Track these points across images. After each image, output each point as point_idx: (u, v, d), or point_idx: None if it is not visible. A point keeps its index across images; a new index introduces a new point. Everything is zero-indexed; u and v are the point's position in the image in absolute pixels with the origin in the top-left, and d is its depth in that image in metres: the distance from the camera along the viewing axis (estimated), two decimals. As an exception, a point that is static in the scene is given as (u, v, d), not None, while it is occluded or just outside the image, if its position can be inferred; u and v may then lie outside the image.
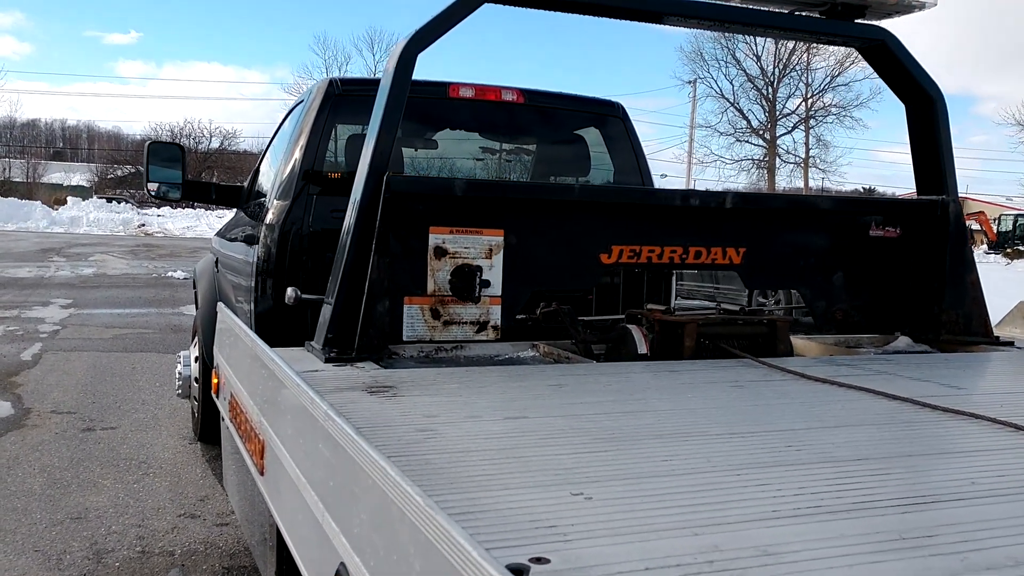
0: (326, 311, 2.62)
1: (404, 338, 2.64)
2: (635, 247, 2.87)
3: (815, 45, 40.50)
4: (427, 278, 2.64)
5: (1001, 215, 40.42)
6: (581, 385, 2.26)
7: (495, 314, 2.73)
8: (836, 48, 40.56)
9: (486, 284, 2.69)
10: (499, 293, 2.73)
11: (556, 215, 2.82)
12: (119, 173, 49.17)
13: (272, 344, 2.34)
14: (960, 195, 3.31)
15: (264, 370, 2.03)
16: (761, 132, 42.24)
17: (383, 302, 2.58)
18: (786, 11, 3.05)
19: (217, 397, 2.93)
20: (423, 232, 2.63)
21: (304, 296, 3.06)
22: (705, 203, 2.98)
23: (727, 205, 2.98)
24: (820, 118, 41.70)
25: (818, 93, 41.63)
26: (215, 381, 2.95)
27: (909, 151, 3.28)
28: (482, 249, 2.70)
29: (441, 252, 2.65)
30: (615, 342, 2.92)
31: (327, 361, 2.47)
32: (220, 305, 3.02)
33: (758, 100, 42.43)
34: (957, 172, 3.26)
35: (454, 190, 2.68)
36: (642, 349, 2.77)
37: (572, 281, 2.97)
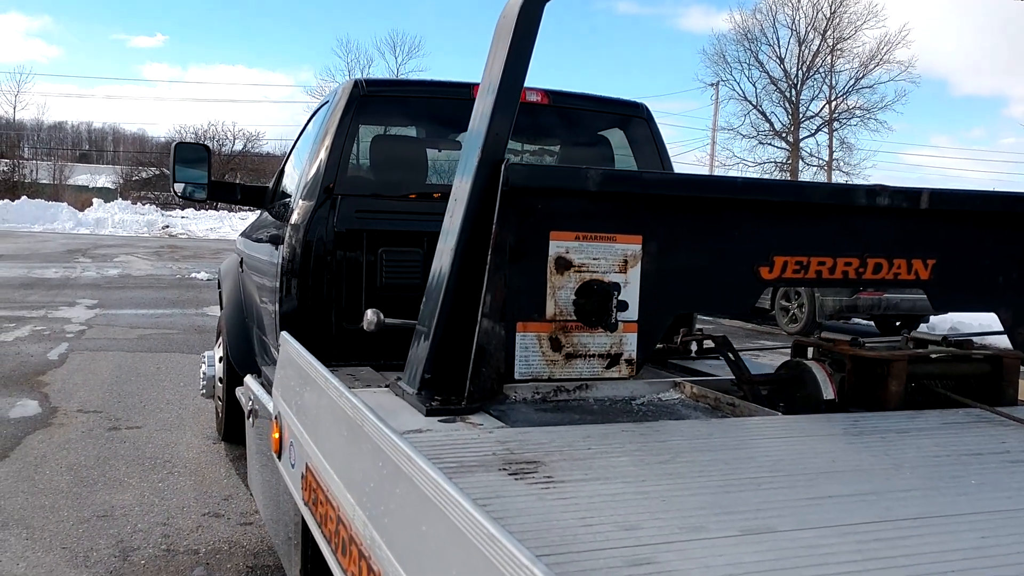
0: (421, 343, 2.14)
1: (516, 375, 2.12)
2: (802, 258, 2.34)
3: (839, 47, 40.23)
4: (546, 298, 2.13)
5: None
6: (800, 459, 1.73)
7: (630, 344, 2.21)
8: (861, 50, 40.30)
9: (623, 306, 2.17)
10: (635, 317, 2.20)
11: (709, 216, 2.29)
12: (144, 175, 49.62)
13: (306, 345, 2.11)
14: None
15: (373, 452, 1.48)
16: (784, 135, 41.96)
17: (498, 330, 2.05)
18: None
19: (279, 458, 2.34)
20: (542, 238, 2.12)
21: (388, 321, 2.65)
22: (896, 202, 2.42)
23: (922, 205, 2.44)
24: (844, 120, 41.39)
25: (842, 95, 41.32)
26: (275, 435, 2.39)
27: (935, 155, 3.08)
28: (615, 260, 2.18)
29: (564, 264, 2.14)
30: (787, 383, 2.38)
31: (430, 413, 2.00)
32: (285, 335, 2.46)
33: (781, 103, 42.16)
34: (987, 174, 3.01)
35: (587, 183, 2.16)
36: (828, 394, 2.26)
37: (724, 302, 2.44)
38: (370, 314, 2.73)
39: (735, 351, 2.43)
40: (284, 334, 2.50)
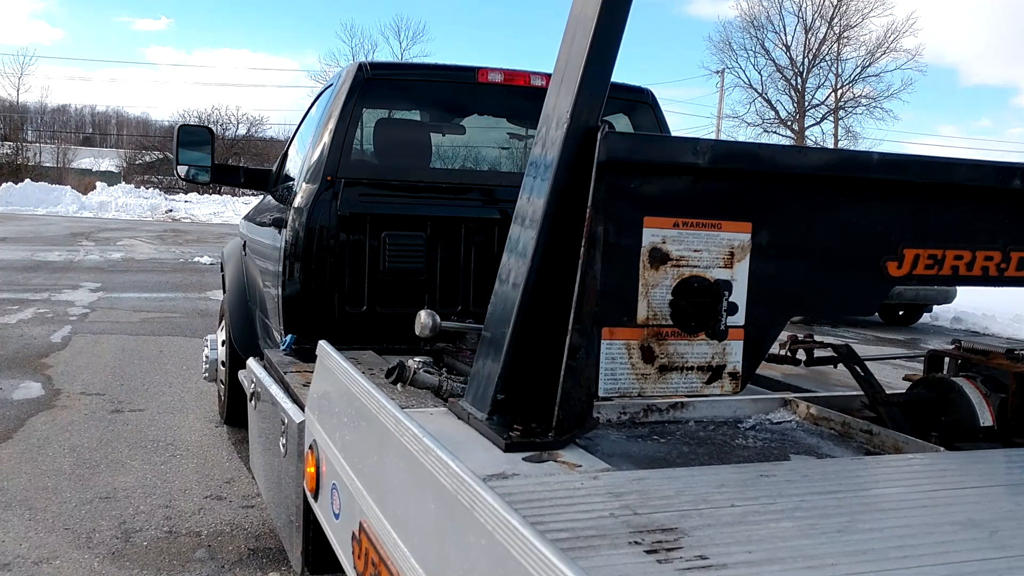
0: (491, 354, 1.80)
1: (600, 392, 1.78)
2: (936, 251, 1.98)
3: (846, 35, 40.01)
4: (637, 298, 1.79)
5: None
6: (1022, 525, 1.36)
7: (734, 354, 1.87)
8: (867, 38, 40.08)
9: (732, 309, 1.85)
10: (741, 322, 1.87)
11: (831, 199, 1.94)
12: (147, 159, 49.59)
13: (306, 334, 1.89)
14: None
15: (491, 555, 1.10)
16: (789, 123, 41.82)
17: (591, 340, 1.72)
18: None
19: (315, 499, 2.02)
20: (634, 226, 1.78)
21: (446, 325, 2.38)
22: None
23: None
24: (849, 109, 41.23)
25: (848, 84, 41.15)
26: (310, 470, 2.04)
27: (941, 143, 2.89)
28: (720, 253, 1.84)
29: (660, 257, 1.80)
30: (929, 405, 2.04)
31: (510, 448, 1.64)
32: (323, 345, 2.14)
33: (787, 91, 42.02)
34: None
35: (697, 158, 1.80)
36: (986, 420, 1.92)
37: (845, 303, 2.05)
38: (424, 316, 2.44)
39: (863, 363, 2.08)
40: (323, 344, 2.16)
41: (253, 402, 3.16)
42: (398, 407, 1.52)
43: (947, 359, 2.18)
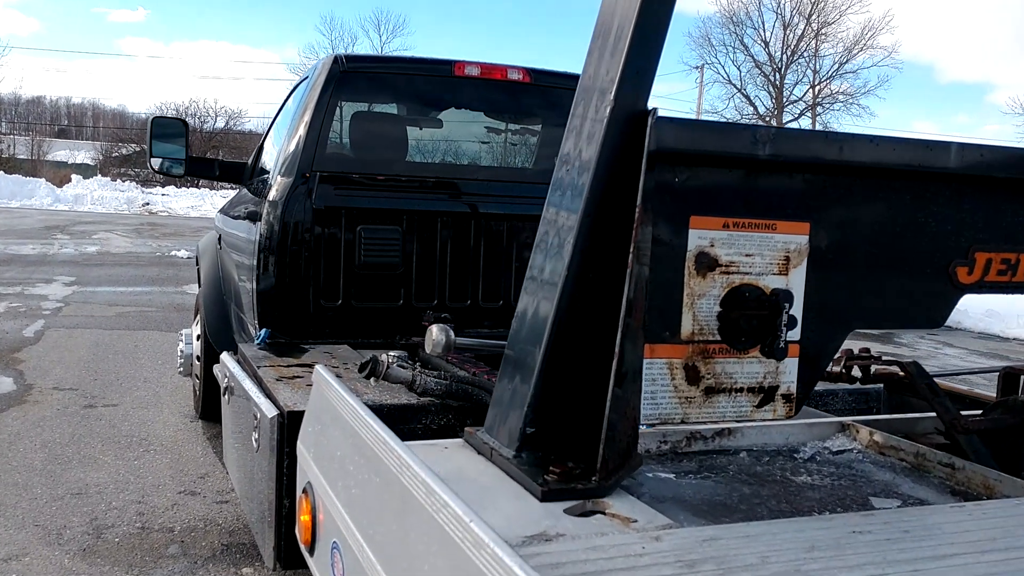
0: (519, 378, 1.57)
1: (640, 419, 1.56)
2: (1010, 255, 1.79)
3: (824, 31, 40.25)
4: (682, 310, 1.59)
5: None
6: None
7: (789, 373, 1.67)
8: (845, 35, 40.35)
9: (792, 323, 1.65)
10: (797, 337, 1.67)
11: (899, 195, 1.73)
12: (124, 152, 49.07)
13: (280, 328, 1.71)
14: None
15: None
16: (768, 119, 42.04)
17: (638, 362, 1.50)
18: None
19: (310, 553, 1.79)
20: (680, 226, 1.57)
21: (461, 342, 2.25)
22: None
23: None
24: (827, 105, 41.53)
25: (826, 80, 41.46)
26: (304, 518, 1.81)
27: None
28: (774, 258, 1.64)
29: (707, 263, 1.59)
30: (1010, 431, 1.86)
31: (547, 497, 1.40)
32: (320, 369, 1.92)
33: (765, 86, 42.29)
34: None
35: (756, 147, 1.60)
36: None
37: (910, 314, 1.81)
38: (436, 332, 2.30)
39: (934, 382, 1.90)
40: (319, 367, 1.93)
41: (226, 397, 3.13)
42: (428, 470, 1.24)
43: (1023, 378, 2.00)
